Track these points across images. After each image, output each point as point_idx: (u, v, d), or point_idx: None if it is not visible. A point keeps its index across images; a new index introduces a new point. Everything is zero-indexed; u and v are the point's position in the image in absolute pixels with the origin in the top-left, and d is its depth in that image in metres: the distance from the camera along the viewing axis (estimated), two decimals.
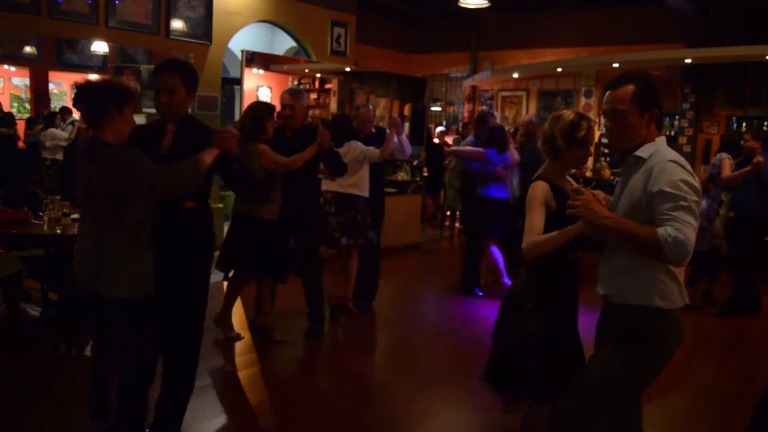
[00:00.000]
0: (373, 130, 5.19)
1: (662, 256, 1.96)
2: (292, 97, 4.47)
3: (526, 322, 2.51)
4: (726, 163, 5.51)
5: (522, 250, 2.41)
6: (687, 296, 2.19)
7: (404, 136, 5.12)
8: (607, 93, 2.22)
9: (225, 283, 4.55)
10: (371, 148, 4.85)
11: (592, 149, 2.54)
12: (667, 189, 2.00)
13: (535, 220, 2.41)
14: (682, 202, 1.97)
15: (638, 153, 2.16)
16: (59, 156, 6.41)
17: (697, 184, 2.04)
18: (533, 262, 2.55)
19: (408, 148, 5.20)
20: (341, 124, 4.52)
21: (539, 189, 2.48)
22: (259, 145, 4.14)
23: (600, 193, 2.24)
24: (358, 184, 4.93)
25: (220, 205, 7.52)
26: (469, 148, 5.81)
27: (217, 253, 4.07)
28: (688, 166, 2.08)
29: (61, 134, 6.60)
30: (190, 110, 6.76)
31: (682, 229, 1.94)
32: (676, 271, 2.11)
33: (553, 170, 2.59)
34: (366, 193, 4.97)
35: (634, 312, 2.14)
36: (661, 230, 1.95)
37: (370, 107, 5.30)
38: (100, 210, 2.65)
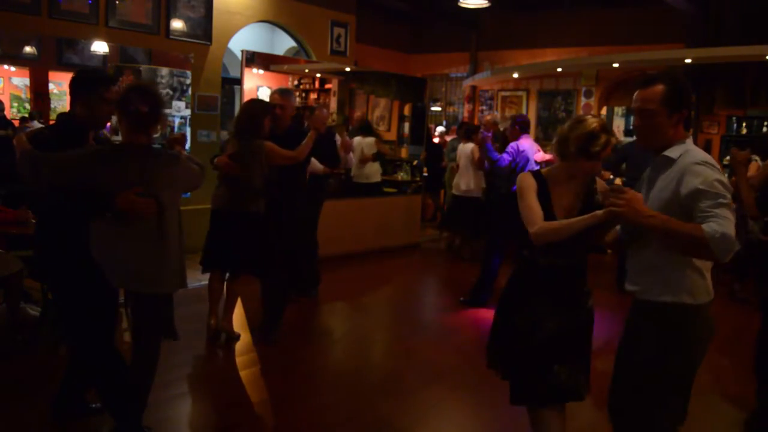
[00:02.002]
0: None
1: (707, 252, 1.96)
2: (282, 96, 4.55)
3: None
4: (752, 165, 5.58)
5: (531, 234, 2.40)
6: (712, 291, 2.22)
7: (350, 155, 5.85)
8: (638, 91, 2.23)
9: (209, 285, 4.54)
10: (316, 162, 5.04)
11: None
12: (704, 188, 2.03)
13: (535, 206, 2.43)
14: (721, 200, 2.01)
15: (667, 153, 2.18)
16: None
17: (728, 183, 2.08)
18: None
19: (351, 164, 6.00)
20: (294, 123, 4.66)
21: (527, 179, 2.51)
22: (265, 142, 4.15)
23: (638, 194, 2.17)
24: None
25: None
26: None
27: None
28: (718, 167, 2.12)
29: None
30: (191, 110, 6.75)
31: (726, 224, 1.96)
32: (702, 267, 2.14)
33: (556, 172, 2.52)
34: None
35: (663, 308, 2.17)
36: (706, 227, 1.95)
37: (324, 110, 5.44)
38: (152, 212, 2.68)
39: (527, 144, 5.56)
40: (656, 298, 2.19)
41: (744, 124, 8.82)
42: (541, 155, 5.66)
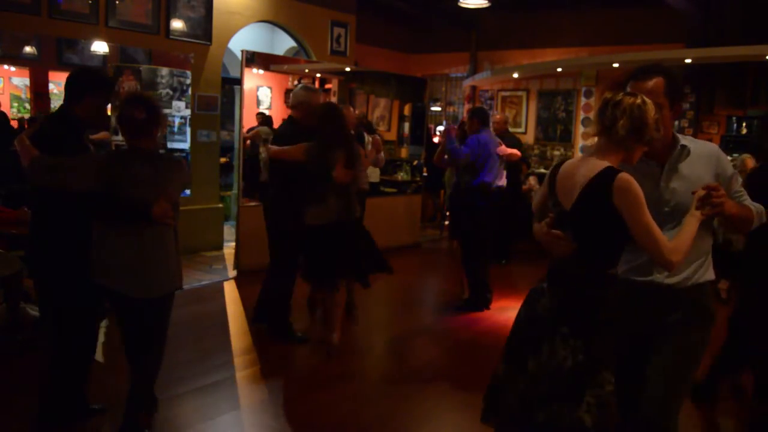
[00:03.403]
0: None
1: (750, 226, 2.23)
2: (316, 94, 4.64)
3: (559, 352, 2.08)
4: (747, 163, 5.61)
5: (673, 263, 2.01)
6: None
7: (381, 154, 5.59)
8: (634, 83, 2.20)
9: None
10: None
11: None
12: (735, 171, 2.25)
13: (655, 225, 2.01)
14: (741, 181, 2.30)
15: (684, 143, 2.24)
16: None
17: None
18: (563, 276, 2.15)
19: (381, 163, 5.77)
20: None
21: (636, 184, 2.00)
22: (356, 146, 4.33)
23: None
24: None
25: (220, 205, 7.52)
26: None
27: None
28: None
29: None
30: (191, 110, 6.74)
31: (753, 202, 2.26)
32: None
33: (618, 161, 2.11)
34: None
35: (696, 290, 2.25)
36: (750, 205, 2.23)
37: (351, 108, 5.45)
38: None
39: (488, 137, 5.47)
40: (700, 280, 2.25)
41: (744, 124, 8.83)
42: (502, 149, 5.57)
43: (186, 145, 6.99)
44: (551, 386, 2.06)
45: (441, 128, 10.43)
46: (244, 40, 8.11)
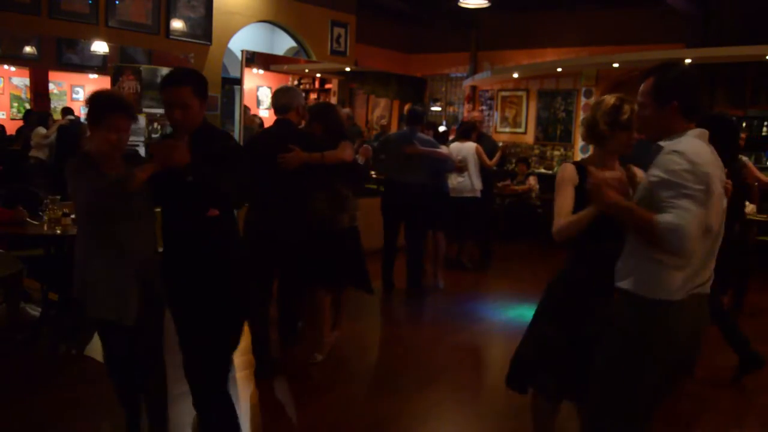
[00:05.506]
0: None
1: (661, 243, 1.93)
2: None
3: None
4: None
5: (553, 233, 2.43)
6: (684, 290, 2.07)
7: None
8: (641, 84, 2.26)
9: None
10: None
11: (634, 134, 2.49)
12: (667, 177, 1.97)
13: (563, 202, 2.45)
14: (684, 190, 1.93)
15: (661, 143, 2.10)
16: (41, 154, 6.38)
17: (701, 175, 1.97)
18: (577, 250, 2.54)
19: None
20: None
21: (567, 171, 2.51)
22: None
23: (617, 176, 2.35)
24: None
25: None
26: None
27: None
28: (701, 158, 2.01)
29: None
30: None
31: (683, 215, 1.89)
32: (678, 262, 2.01)
33: (596, 157, 2.57)
34: None
35: (627, 299, 2.12)
36: (658, 216, 1.93)
37: (347, 109, 5.48)
38: None
39: (397, 136, 5.89)
40: (627, 288, 2.11)
41: (744, 124, 8.82)
42: (411, 148, 5.64)
43: None
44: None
45: (442, 128, 10.43)
46: (244, 40, 8.10)
